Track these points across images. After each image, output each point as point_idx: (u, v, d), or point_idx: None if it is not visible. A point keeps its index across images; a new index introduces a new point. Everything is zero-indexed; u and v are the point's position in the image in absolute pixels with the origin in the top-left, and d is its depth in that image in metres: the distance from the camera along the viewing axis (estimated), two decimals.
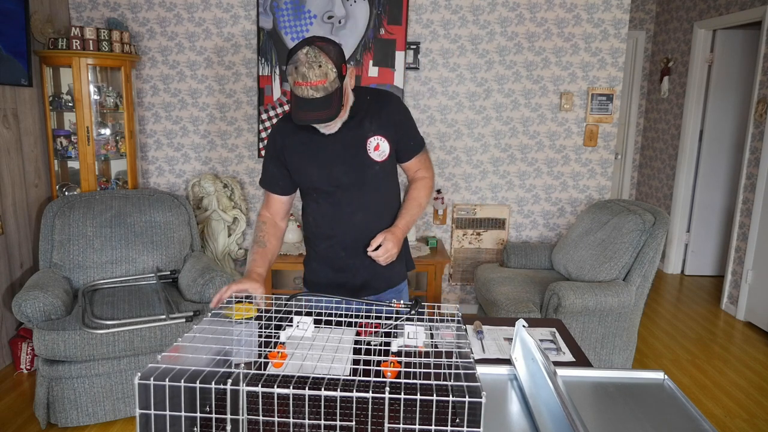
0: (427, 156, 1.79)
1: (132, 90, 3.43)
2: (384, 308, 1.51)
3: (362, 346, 1.22)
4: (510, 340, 1.55)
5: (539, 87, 3.71)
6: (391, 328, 1.30)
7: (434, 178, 1.81)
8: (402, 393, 0.98)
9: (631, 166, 5.61)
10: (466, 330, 1.59)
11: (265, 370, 1.26)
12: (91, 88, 3.22)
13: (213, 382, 0.96)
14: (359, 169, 1.63)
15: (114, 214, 2.95)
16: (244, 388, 0.89)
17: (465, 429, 0.85)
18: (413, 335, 1.14)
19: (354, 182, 1.64)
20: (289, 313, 1.43)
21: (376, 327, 1.58)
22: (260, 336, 1.32)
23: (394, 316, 1.39)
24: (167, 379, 0.86)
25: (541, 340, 1.56)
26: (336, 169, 1.62)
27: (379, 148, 1.63)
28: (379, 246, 1.58)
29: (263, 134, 3.74)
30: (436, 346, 1.27)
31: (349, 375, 1.23)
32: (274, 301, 1.42)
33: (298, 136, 1.63)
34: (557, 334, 1.62)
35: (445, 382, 1.13)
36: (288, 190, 1.73)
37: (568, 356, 1.48)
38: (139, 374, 0.85)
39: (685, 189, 4.84)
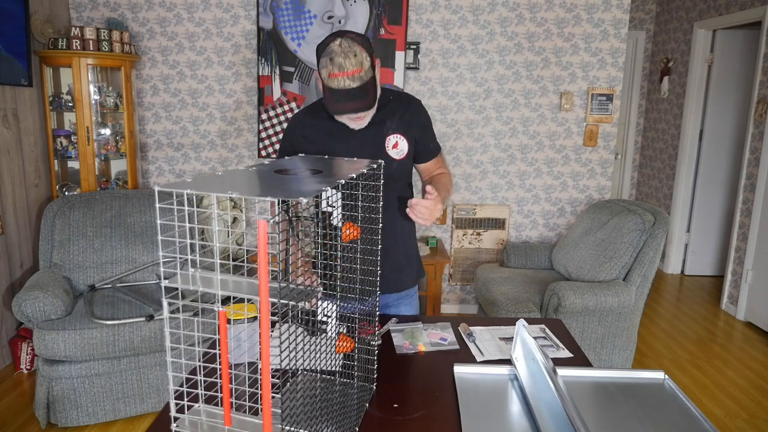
0: (443, 159, 1.82)
1: (132, 90, 3.43)
2: None
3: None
4: (505, 339, 1.55)
5: (539, 87, 3.71)
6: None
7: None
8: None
9: (631, 166, 5.61)
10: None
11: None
12: (91, 88, 3.22)
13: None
14: None
15: (114, 214, 2.95)
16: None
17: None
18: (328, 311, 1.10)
19: None
20: None
21: (378, 328, 1.58)
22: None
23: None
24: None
25: (535, 338, 1.56)
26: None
27: (397, 146, 1.65)
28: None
29: (263, 134, 3.74)
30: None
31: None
32: None
33: (318, 129, 1.64)
34: (547, 330, 1.62)
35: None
36: None
37: (566, 352, 1.48)
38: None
39: (685, 189, 4.84)
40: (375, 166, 1.13)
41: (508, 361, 1.37)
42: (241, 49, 3.67)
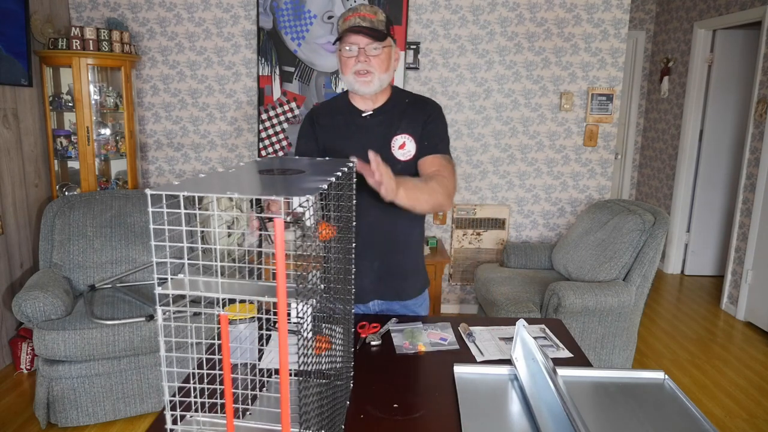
0: (451, 167, 1.64)
1: (132, 90, 3.43)
2: None
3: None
4: (505, 339, 1.55)
5: (539, 87, 3.71)
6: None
7: (453, 194, 1.62)
8: None
9: (631, 166, 5.61)
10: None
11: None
12: (91, 88, 3.22)
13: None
14: None
15: (114, 214, 2.95)
16: None
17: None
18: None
19: None
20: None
21: (376, 327, 1.58)
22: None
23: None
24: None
25: (535, 338, 1.56)
26: (358, 158, 1.59)
27: (404, 146, 1.61)
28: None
29: (263, 134, 3.74)
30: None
31: None
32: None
33: (333, 119, 1.68)
34: (547, 330, 1.62)
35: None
36: None
37: (566, 352, 1.48)
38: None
39: (685, 189, 4.84)
40: (351, 165, 1.13)
41: (508, 361, 1.37)
42: (241, 49, 3.67)
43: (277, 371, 1.24)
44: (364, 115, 1.64)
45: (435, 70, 3.68)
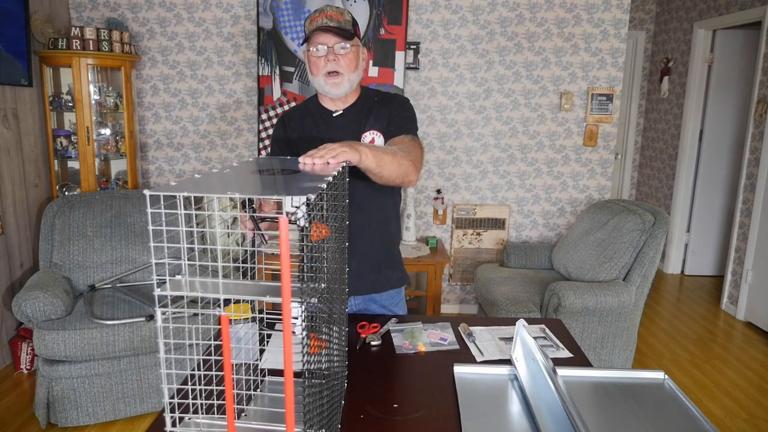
0: (417, 144, 1.61)
1: (132, 90, 3.43)
2: None
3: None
4: (505, 339, 1.55)
5: (539, 87, 3.71)
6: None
7: (419, 165, 1.55)
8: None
9: (631, 166, 5.61)
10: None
11: None
12: (91, 88, 3.22)
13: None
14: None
15: (114, 214, 2.95)
16: None
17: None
18: None
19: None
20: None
21: (376, 327, 1.58)
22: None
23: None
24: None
25: (534, 338, 1.56)
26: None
27: (373, 143, 1.61)
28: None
29: (263, 134, 3.74)
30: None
31: None
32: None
33: (303, 121, 1.70)
34: (547, 330, 1.62)
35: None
36: None
37: (566, 352, 1.48)
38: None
39: (685, 189, 4.84)
40: (345, 164, 1.14)
41: (508, 361, 1.37)
42: (241, 49, 3.67)
43: (271, 371, 1.24)
44: (334, 115, 1.67)
45: (435, 70, 3.68)
